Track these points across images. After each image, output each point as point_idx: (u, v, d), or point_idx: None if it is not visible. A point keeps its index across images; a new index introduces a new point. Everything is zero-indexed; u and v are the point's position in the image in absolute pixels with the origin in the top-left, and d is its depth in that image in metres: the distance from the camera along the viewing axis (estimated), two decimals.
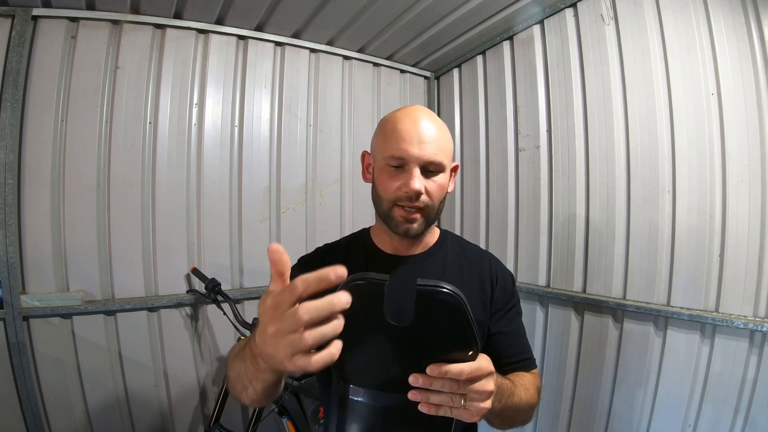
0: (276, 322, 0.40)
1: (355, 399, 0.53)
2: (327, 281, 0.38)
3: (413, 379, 0.48)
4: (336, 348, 0.40)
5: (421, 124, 0.76)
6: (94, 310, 1.65)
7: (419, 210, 0.77)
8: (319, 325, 0.39)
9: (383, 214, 0.80)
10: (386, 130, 0.79)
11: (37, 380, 1.60)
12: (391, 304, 0.45)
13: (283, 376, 0.56)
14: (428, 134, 0.75)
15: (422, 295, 0.45)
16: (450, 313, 0.46)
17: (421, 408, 0.49)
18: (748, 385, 1.23)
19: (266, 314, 0.41)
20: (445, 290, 0.45)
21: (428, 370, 0.48)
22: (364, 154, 0.87)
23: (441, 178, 0.78)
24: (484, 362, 0.51)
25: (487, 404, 0.51)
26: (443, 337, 0.48)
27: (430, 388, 0.49)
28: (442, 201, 0.80)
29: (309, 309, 0.38)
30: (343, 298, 0.39)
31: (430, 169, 0.76)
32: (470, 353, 0.49)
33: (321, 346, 0.40)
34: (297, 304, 0.39)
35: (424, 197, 0.76)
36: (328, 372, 0.54)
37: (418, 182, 0.74)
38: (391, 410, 0.53)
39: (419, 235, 0.81)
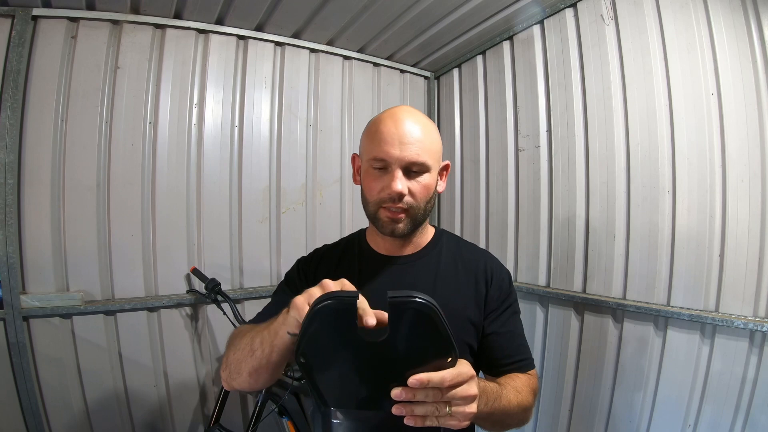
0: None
1: (337, 422, 0.52)
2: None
3: (396, 393, 0.48)
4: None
5: (403, 125, 0.75)
6: (94, 310, 1.65)
7: (404, 211, 0.77)
8: None
9: (370, 215, 0.81)
10: (370, 132, 0.79)
11: (37, 380, 1.60)
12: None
13: (286, 359, 0.62)
14: (410, 135, 0.75)
15: (395, 307, 0.45)
16: (425, 322, 0.45)
17: (407, 421, 0.49)
18: (748, 385, 1.23)
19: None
20: (417, 300, 0.45)
21: (410, 381, 0.47)
22: (354, 157, 0.88)
23: (426, 179, 0.77)
24: (464, 367, 0.51)
25: (473, 408, 0.51)
26: (420, 347, 0.47)
27: (414, 399, 0.48)
28: (429, 201, 0.80)
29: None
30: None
31: (413, 170, 0.76)
32: (449, 360, 0.49)
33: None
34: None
35: (407, 198, 0.76)
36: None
37: (400, 183, 0.74)
38: (376, 428, 0.52)
39: (407, 235, 0.82)
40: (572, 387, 1.71)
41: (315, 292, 0.53)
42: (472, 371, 0.52)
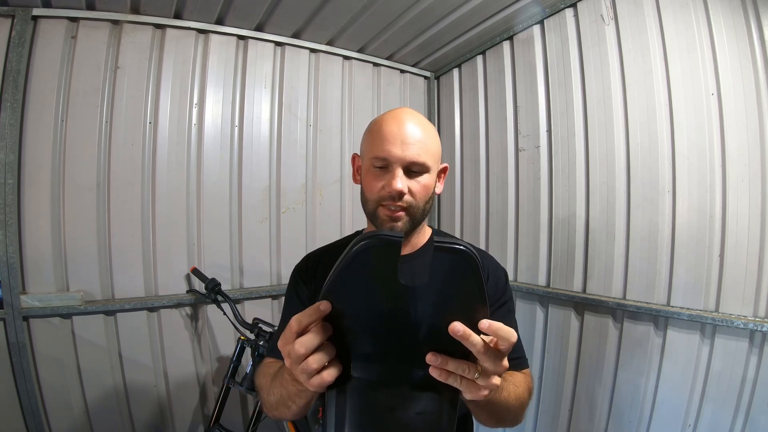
0: (287, 358, 0.48)
1: (355, 375, 0.49)
2: (317, 314, 0.45)
3: (454, 328, 0.44)
4: (333, 371, 0.48)
5: (405, 126, 0.77)
6: (94, 310, 1.65)
7: (403, 209, 0.78)
8: (320, 346, 0.46)
9: (369, 214, 0.82)
10: (372, 132, 0.81)
11: (37, 380, 1.60)
12: (405, 264, 0.43)
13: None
14: (412, 136, 0.77)
15: (439, 251, 0.42)
16: (465, 271, 0.43)
17: (432, 372, 0.46)
18: (748, 385, 1.23)
19: (282, 351, 0.49)
20: (462, 248, 0.42)
21: (481, 325, 0.45)
22: (354, 157, 0.89)
23: (425, 179, 0.79)
24: (512, 330, 0.48)
25: (497, 381, 0.49)
26: (456, 298, 0.45)
27: (468, 339, 0.44)
28: (428, 201, 0.81)
29: (303, 342, 0.46)
30: (321, 307, 0.44)
31: (413, 170, 0.77)
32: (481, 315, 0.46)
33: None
34: (296, 339, 0.46)
35: (407, 197, 0.77)
36: None
37: (400, 182, 0.75)
38: (394, 383, 0.50)
39: (405, 234, 0.82)
40: (572, 387, 1.71)
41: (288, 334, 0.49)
42: (515, 338, 0.48)
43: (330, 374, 0.47)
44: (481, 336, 0.46)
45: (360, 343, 0.49)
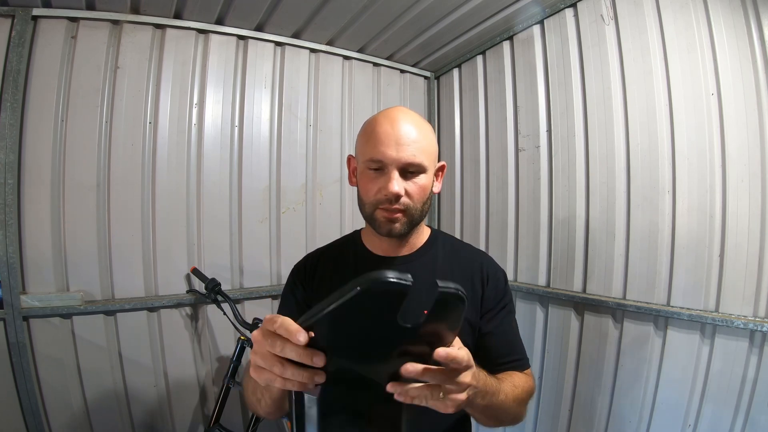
0: (253, 347, 0.48)
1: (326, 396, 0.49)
2: (293, 339, 0.42)
3: (406, 371, 0.45)
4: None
5: (399, 126, 0.76)
6: (94, 310, 1.65)
7: (401, 211, 0.77)
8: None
9: (367, 216, 0.81)
10: (366, 133, 0.80)
11: (37, 380, 1.60)
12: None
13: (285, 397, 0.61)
14: (407, 136, 0.75)
15: (444, 296, 0.43)
16: (455, 311, 0.44)
17: (398, 397, 0.47)
18: (748, 385, 1.23)
19: (252, 339, 0.48)
20: (460, 293, 0.43)
21: (438, 354, 0.46)
22: (349, 158, 0.88)
23: (422, 179, 0.78)
24: (464, 353, 0.50)
25: (463, 396, 0.51)
26: (441, 331, 0.46)
27: (421, 377, 0.46)
28: (426, 202, 0.80)
29: (264, 356, 0.45)
30: (300, 338, 0.42)
31: (409, 170, 0.76)
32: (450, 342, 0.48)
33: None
34: (260, 352, 0.45)
35: (404, 199, 0.76)
36: None
37: (396, 185, 0.74)
38: (363, 404, 0.51)
39: (404, 235, 0.81)
40: (572, 387, 1.71)
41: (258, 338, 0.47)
42: (471, 362, 0.52)
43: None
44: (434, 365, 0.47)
45: (331, 365, 0.46)
